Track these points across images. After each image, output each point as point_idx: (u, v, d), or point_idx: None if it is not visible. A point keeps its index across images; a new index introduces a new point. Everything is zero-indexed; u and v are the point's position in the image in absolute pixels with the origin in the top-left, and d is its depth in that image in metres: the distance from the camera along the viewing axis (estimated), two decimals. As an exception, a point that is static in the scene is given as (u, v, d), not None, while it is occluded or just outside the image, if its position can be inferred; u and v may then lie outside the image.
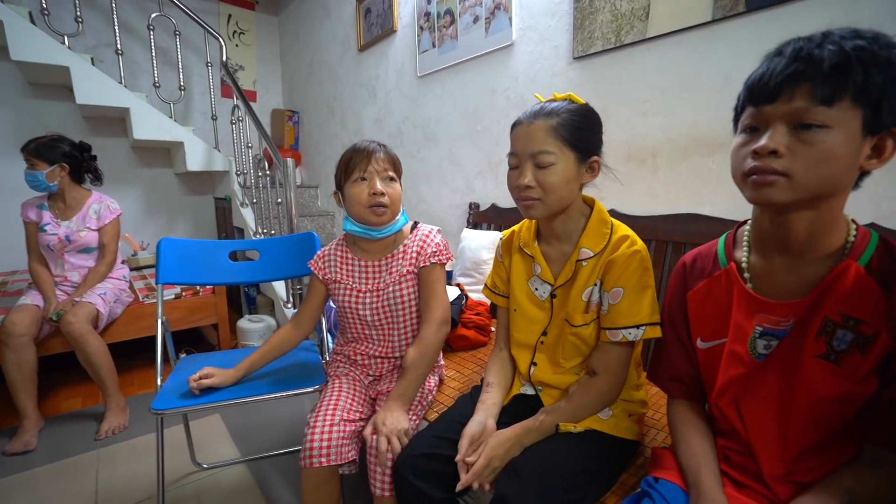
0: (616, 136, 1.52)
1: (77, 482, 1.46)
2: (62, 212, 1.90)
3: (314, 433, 0.94)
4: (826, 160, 0.51)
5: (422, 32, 2.30)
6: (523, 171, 0.80)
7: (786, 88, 0.52)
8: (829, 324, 0.57)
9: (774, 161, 0.53)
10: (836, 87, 0.50)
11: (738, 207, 1.25)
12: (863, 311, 0.55)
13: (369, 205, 1.01)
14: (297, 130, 3.76)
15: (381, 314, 1.09)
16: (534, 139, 0.78)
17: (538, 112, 0.80)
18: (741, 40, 1.20)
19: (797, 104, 0.51)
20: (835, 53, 0.49)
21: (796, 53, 0.52)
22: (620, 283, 0.79)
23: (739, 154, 0.58)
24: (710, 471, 0.64)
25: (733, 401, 0.66)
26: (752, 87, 0.56)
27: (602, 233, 0.83)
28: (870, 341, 0.54)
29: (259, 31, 3.77)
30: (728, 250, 0.69)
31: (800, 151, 0.52)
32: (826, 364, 0.57)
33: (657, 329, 0.79)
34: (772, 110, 0.53)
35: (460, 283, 1.71)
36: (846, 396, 0.56)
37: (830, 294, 0.57)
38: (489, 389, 0.92)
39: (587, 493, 0.76)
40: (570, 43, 1.62)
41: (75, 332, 1.67)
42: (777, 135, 0.53)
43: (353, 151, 1.03)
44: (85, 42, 2.92)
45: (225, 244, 1.44)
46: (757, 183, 0.54)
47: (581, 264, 0.84)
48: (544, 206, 0.81)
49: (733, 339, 0.65)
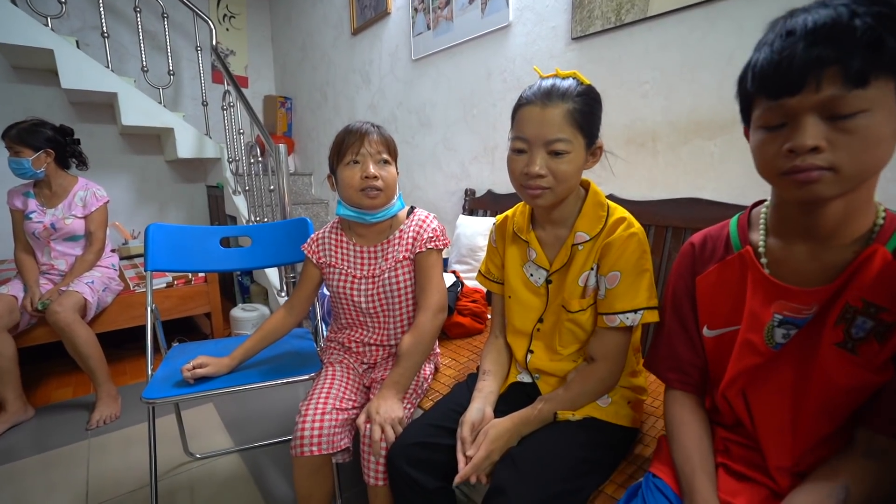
0: (615, 120, 1.49)
1: (68, 472, 1.44)
2: (48, 199, 1.86)
3: (305, 422, 0.93)
4: (872, 146, 0.46)
5: (416, 14, 2.24)
6: (533, 157, 0.74)
7: (811, 77, 0.46)
8: (849, 310, 0.54)
9: (816, 157, 0.47)
10: (867, 64, 0.44)
11: (741, 192, 1.23)
12: (886, 299, 0.51)
13: (362, 188, 0.98)
14: (290, 117, 3.70)
15: (376, 301, 1.06)
16: (550, 125, 0.72)
17: (551, 93, 0.73)
18: (745, 18, 1.16)
19: (827, 92, 0.45)
20: (861, 28, 0.44)
21: (813, 33, 0.45)
22: (617, 266, 0.76)
23: (767, 152, 0.52)
24: (706, 476, 0.61)
25: (741, 391, 0.63)
26: (766, 77, 0.49)
27: (598, 216, 0.81)
28: (889, 329, 0.51)
29: (250, 14, 3.68)
30: (742, 233, 0.64)
31: (841, 142, 0.46)
32: (842, 352, 0.54)
33: (655, 313, 0.76)
34: (797, 103, 0.47)
35: (456, 270, 1.69)
36: (860, 386, 0.54)
37: (855, 280, 0.53)
38: (485, 377, 0.91)
39: (585, 482, 0.75)
40: (568, 23, 1.57)
41: (61, 322, 1.63)
42: (812, 128, 0.47)
43: (346, 133, 1.00)
44: (69, 24, 2.83)
45: (216, 230, 1.41)
46: (801, 182, 0.49)
47: (577, 248, 0.81)
48: (553, 195, 0.76)
49: (748, 328, 0.61)
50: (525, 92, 0.78)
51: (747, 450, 0.65)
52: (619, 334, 0.79)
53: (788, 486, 0.58)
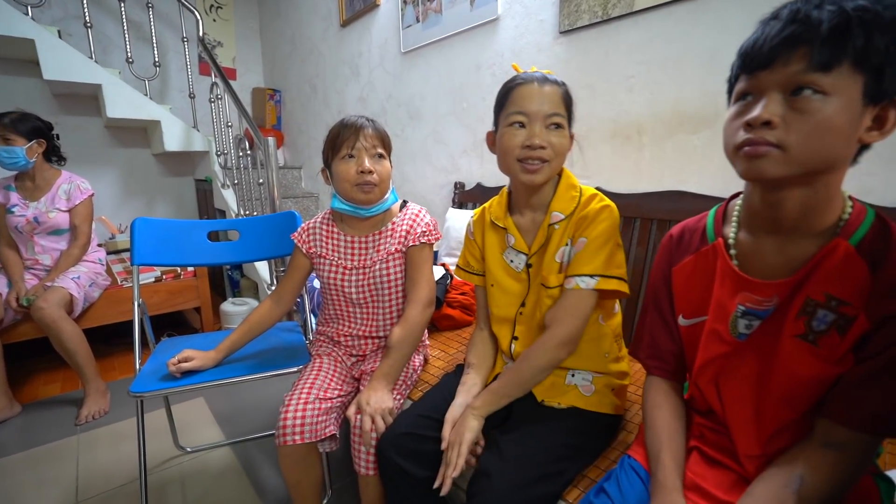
0: (602, 113, 1.50)
1: (57, 468, 1.43)
2: (30, 192, 1.83)
3: (288, 411, 0.94)
4: (823, 131, 0.48)
5: (405, 6, 2.23)
6: (534, 130, 0.78)
7: (781, 53, 0.48)
8: (810, 304, 0.55)
9: (768, 132, 0.49)
10: (834, 50, 0.46)
11: (724, 185, 1.25)
12: (847, 292, 0.52)
13: (357, 182, 0.99)
14: (279, 110, 3.66)
15: (366, 292, 1.07)
16: (549, 101, 0.78)
17: (544, 77, 0.80)
18: (729, 13, 1.18)
19: (792, 68, 0.48)
20: (834, 14, 0.46)
21: (793, 16, 0.48)
22: (586, 233, 0.80)
23: (732, 126, 0.54)
24: (670, 454, 0.63)
25: (713, 380, 0.65)
26: (746, 52, 0.52)
27: (571, 196, 0.84)
28: (849, 323, 0.52)
29: (237, 5, 3.62)
30: (717, 225, 0.66)
31: (795, 121, 0.48)
32: (803, 344, 0.56)
33: (612, 282, 0.78)
34: (766, 77, 0.50)
35: (445, 263, 1.70)
36: (821, 377, 0.55)
37: (816, 274, 0.54)
38: (469, 370, 0.92)
39: (567, 465, 0.77)
40: (556, 17, 1.58)
41: (46, 318, 1.62)
42: (772, 104, 0.49)
43: (342, 127, 1.00)
44: (51, 14, 2.77)
45: (203, 224, 1.40)
46: (749, 155, 0.51)
47: (553, 228, 0.84)
48: (550, 170, 0.80)
49: (714, 318, 0.63)
50: (516, 76, 0.82)
51: (719, 435, 0.67)
52: (572, 297, 0.80)
53: (755, 473, 0.60)
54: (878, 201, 1.01)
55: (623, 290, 0.80)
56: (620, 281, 0.80)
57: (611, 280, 0.78)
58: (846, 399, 0.54)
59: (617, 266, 0.80)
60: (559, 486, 0.75)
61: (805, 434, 0.58)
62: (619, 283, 0.79)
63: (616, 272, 0.79)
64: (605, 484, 0.67)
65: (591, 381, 0.86)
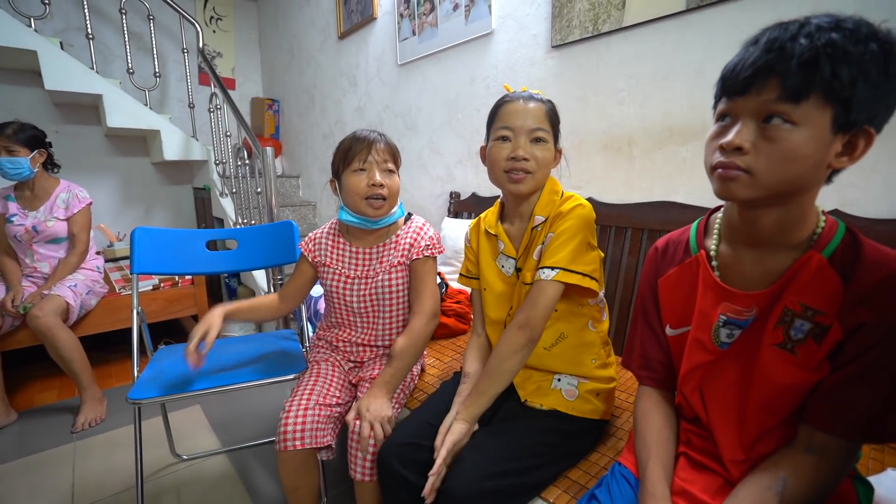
0: (593, 125, 1.53)
1: (52, 476, 1.44)
2: (29, 202, 1.85)
3: (289, 417, 0.95)
4: (789, 159, 0.50)
5: (402, 20, 2.27)
6: (518, 143, 0.83)
7: (756, 81, 0.50)
8: (787, 313, 0.57)
9: (738, 157, 0.52)
10: (803, 83, 0.48)
11: (712, 195, 1.27)
12: (821, 302, 0.55)
13: (367, 196, 1.01)
14: (278, 119, 3.70)
15: (367, 302, 1.09)
16: (533, 117, 0.84)
17: (530, 96, 0.86)
18: (714, 30, 1.22)
19: (764, 97, 0.50)
20: (804, 48, 0.48)
21: (769, 45, 0.50)
22: (555, 228, 0.83)
23: (710, 146, 0.57)
24: (658, 462, 0.65)
25: (697, 388, 0.67)
26: (726, 77, 0.54)
27: (552, 200, 0.88)
28: (825, 331, 0.55)
29: (237, 16, 3.67)
30: (699, 237, 0.69)
31: (763, 148, 0.51)
32: (782, 353, 0.58)
33: (573, 277, 0.80)
34: (741, 103, 0.52)
35: (440, 272, 1.72)
36: (800, 384, 0.57)
37: (792, 285, 0.57)
38: (465, 380, 0.94)
39: (542, 462, 0.79)
40: (548, 31, 1.62)
41: (42, 327, 1.63)
42: (744, 130, 0.52)
43: (354, 140, 1.02)
44: (53, 25, 2.81)
45: (201, 233, 1.42)
46: (721, 177, 0.54)
47: (536, 230, 0.88)
48: (534, 181, 0.85)
49: (697, 327, 0.66)
50: (504, 96, 0.88)
51: (705, 441, 0.68)
52: (535, 287, 0.83)
53: (740, 477, 0.62)
54: (859, 213, 1.04)
55: (590, 286, 0.81)
56: (585, 277, 0.80)
57: (572, 274, 0.80)
58: (824, 405, 0.56)
59: (584, 263, 0.81)
60: (531, 480, 0.77)
61: (788, 439, 0.60)
62: (581, 278, 0.80)
63: (580, 268, 0.80)
64: (597, 491, 0.69)
65: (575, 385, 0.88)
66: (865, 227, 0.99)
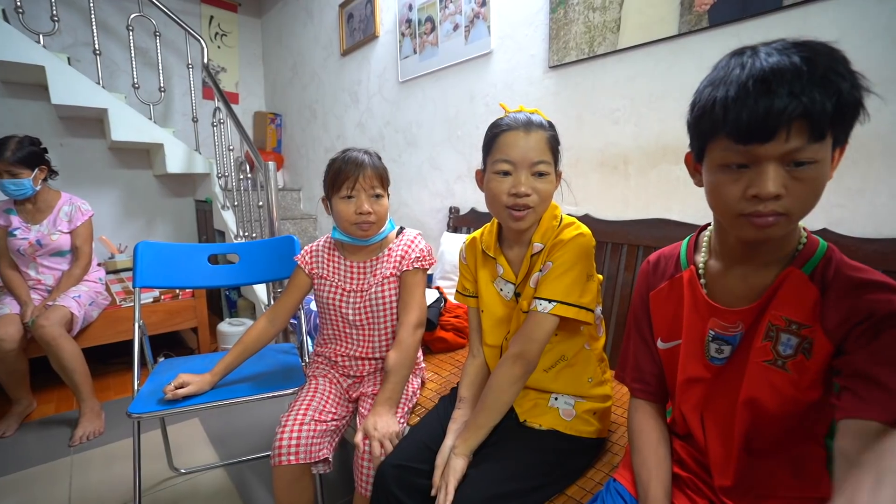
0: (590, 144, 1.57)
1: (48, 490, 1.43)
2: (31, 215, 1.86)
3: (284, 431, 0.96)
4: (817, 193, 0.51)
5: (403, 38, 2.32)
6: (520, 178, 0.80)
7: (782, 128, 0.48)
8: (772, 328, 0.58)
9: (776, 204, 0.51)
10: (827, 120, 0.48)
11: (704, 213, 1.30)
12: (803, 315, 0.56)
13: (355, 222, 1.04)
14: (280, 133, 3.75)
15: (362, 314, 1.11)
16: (534, 148, 0.79)
17: (531, 121, 0.81)
18: (706, 53, 1.26)
19: (793, 144, 0.49)
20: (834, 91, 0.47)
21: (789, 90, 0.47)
22: (553, 257, 0.82)
23: (729, 194, 0.54)
24: (660, 483, 0.65)
25: (697, 408, 0.67)
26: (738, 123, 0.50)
27: (551, 226, 0.86)
28: (812, 345, 0.56)
29: (241, 33, 3.74)
30: (690, 253, 0.70)
31: (795, 190, 0.50)
32: (772, 370, 0.58)
33: (570, 310, 0.79)
34: (765, 150, 0.50)
35: (440, 287, 1.74)
36: (790, 403, 0.58)
37: (775, 300, 0.58)
38: (461, 405, 0.93)
39: (543, 483, 0.80)
40: (545, 52, 1.66)
41: (47, 336, 1.64)
42: (777, 176, 0.50)
43: (343, 163, 1.04)
44: (61, 41, 2.87)
45: (204, 248, 1.45)
46: (759, 226, 0.53)
47: (535, 257, 0.87)
48: (535, 215, 0.83)
49: (688, 340, 0.67)
50: (502, 121, 0.84)
51: (697, 462, 0.69)
52: (530, 318, 0.82)
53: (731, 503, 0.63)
54: (846, 232, 1.06)
55: (585, 319, 0.81)
56: (581, 310, 0.80)
57: (569, 307, 0.79)
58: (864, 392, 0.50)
59: (580, 294, 0.80)
60: (530, 501, 0.77)
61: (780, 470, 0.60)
62: (578, 311, 0.80)
63: (577, 300, 0.80)
64: None
65: (572, 405, 0.89)
66: (853, 246, 1.02)
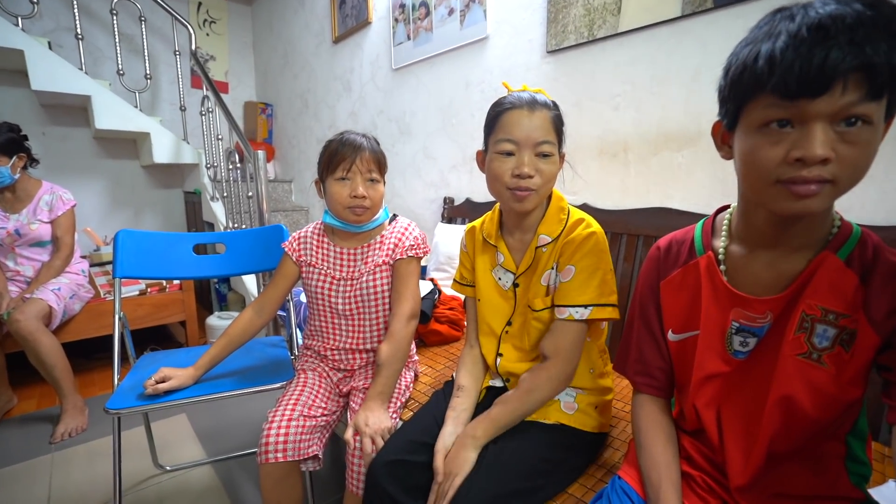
0: (589, 131, 1.52)
1: (28, 488, 1.38)
2: (10, 204, 1.80)
3: (271, 428, 0.92)
4: (868, 160, 0.45)
5: (396, 24, 2.26)
6: (523, 158, 0.77)
7: (838, 80, 0.42)
8: (806, 319, 0.53)
9: (823, 169, 0.45)
10: (887, 78, 0.42)
11: (706, 202, 1.27)
12: (842, 304, 0.51)
13: (349, 206, 0.99)
14: (271, 123, 3.67)
15: (352, 303, 1.06)
16: (538, 128, 0.77)
17: (534, 101, 0.78)
18: (709, 36, 1.21)
19: (847, 99, 0.43)
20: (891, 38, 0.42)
21: (850, 38, 0.41)
22: (573, 261, 0.80)
23: (768, 157, 0.47)
24: (672, 485, 0.61)
25: (714, 403, 0.62)
26: (788, 74, 0.44)
27: (559, 219, 0.84)
28: (853, 336, 0.51)
29: (231, 20, 3.65)
30: (706, 238, 0.64)
31: (843, 153, 0.44)
32: (808, 364, 0.53)
33: (605, 310, 0.79)
34: (815, 106, 0.44)
35: (433, 278, 1.70)
36: (830, 402, 0.52)
37: (808, 288, 0.53)
38: (459, 394, 0.90)
39: (545, 482, 0.76)
40: (543, 37, 1.61)
41: (23, 331, 1.58)
42: (826, 137, 0.44)
43: (340, 144, 1.00)
44: (42, 25, 2.77)
45: (188, 237, 1.39)
46: (800, 194, 0.46)
47: (541, 251, 0.84)
48: (538, 197, 0.80)
49: (708, 333, 0.61)
50: (505, 99, 0.81)
51: (709, 461, 0.65)
52: (568, 328, 0.80)
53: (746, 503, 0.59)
54: (855, 219, 1.00)
55: (615, 316, 0.80)
56: (613, 308, 0.80)
57: (604, 308, 0.79)
58: None
59: (609, 293, 0.80)
60: (534, 501, 0.74)
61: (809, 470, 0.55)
62: (612, 310, 0.79)
63: (609, 299, 0.79)
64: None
65: (574, 398, 0.86)
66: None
